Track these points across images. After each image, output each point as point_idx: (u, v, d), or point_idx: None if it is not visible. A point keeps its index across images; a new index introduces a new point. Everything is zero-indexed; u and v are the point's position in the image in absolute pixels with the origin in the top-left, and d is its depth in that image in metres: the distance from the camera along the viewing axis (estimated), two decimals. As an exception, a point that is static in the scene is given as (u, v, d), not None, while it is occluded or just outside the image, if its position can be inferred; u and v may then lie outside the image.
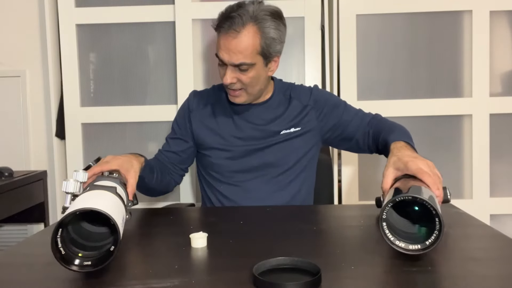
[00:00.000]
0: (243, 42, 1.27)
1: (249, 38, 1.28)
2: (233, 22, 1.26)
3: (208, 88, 1.55)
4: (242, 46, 1.28)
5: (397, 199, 0.82)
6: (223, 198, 1.43)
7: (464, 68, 2.06)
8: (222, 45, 1.29)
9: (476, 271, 0.79)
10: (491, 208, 2.06)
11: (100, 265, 0.76)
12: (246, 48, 1.28)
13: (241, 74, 1.31)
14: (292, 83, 1.54)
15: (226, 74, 1.31)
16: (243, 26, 1.27)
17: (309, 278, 0.72)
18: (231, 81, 1.31)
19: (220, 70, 1.35)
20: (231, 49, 1.28)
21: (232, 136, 1.42)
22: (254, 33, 1.29)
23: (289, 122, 1.43)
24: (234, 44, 1.27)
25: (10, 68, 2.20)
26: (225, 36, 1.29)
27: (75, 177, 0.97)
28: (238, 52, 1.28)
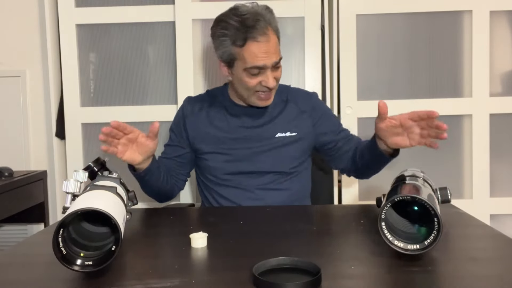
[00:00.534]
0: (274, 40, 1.33)
1: (274, 36, 1.34)
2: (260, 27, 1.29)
3: (203, 93, 1.57)
4: (275, 45, 1.33)
5: (396, 199, 0.82)
6: (220, 198, 1.43)
7: (464, 68, 2.06)
8: (259, 52, 1.29)
9: (476, 271, 0.79)
10: (491, 208, 2.06)
11: (101, 265, 0.76)
12: (277, 45, 1.34)
13: (275, 72, 1.35)
14: (288, 86, 1.55)
15: (269, 78, 1.32)
16: (266, 28, 1.31)
17: (309, 278, 0.72)
18: (274, 83, 1.34)
19: (251, 80, 1.33)
20: (269, 52, 1.30)
21: (228, 139, 1.43)
22: (272, 31, 1.33)
23: (284, 126, 1.44)
24: (269, 46, 1.30)
25: (10, 68, 2.20)
26: (257, 43, 1.29)
27: (75, 177, 0.97)
28: (274, 51, 1.32)
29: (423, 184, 0.92)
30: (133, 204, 1.12)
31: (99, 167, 1.12)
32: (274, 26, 1.34)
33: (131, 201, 1.11)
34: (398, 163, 1.47)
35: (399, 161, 1.80)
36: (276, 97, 1.46)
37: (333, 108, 2.04)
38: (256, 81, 1.33)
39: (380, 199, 1.05)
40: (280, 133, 1.43)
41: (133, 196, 1.11)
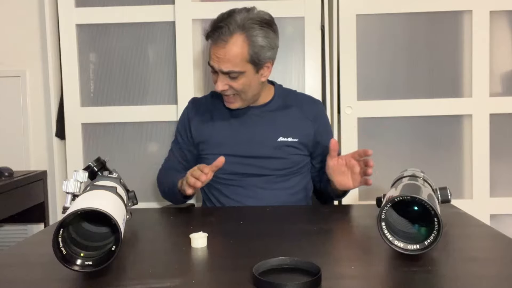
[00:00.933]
0: (231, 51, 1.30)
1: (237, 47, 1.30)
2: (221, 32, 1.30)
3: (207, 94, 1.58)
4: (231, 55, 1.30)
5: (396, 199, 0.82)
6: (222, 197, 1.44)
7: (464, 68, 2.06)
8: (212, 54, 1.33)
9: (476, 271, 0.79)
10: (491, 208, 2.06)
11: (101, 265, 0.76)
12: (234, 57, 1.31)
13: (231, 81, 1.34)
14: (294, 90, 1.57)
15: (217, 81, 1.35)
16: (230, 36, 1.29)
17: (309, 278, 0.72)
18: (222, 88, 1.35)
19: (213, 77, 1.39)
20: (220, 58, 1.31)
21: (230, 141, 1.44)
22: (242, 42, 1.30)
23: (287, 130, 1.44)
24: (222, 53, 1.31)
25: (10, 68, 2.20)
26: (214, 45, 1.33)
27: (75, 177, 0.97)
28: (227, 60, 1.31)
29: (423, 184, 0.92)
30: (133, 204, 1.12)
31: (99, 167, 1.12)
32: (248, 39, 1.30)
33: (131, 201, 1.11)
34: (398, 163, 1.47)
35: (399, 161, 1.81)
36: (279, 100, 1.48)
37: (333, 108, 2.04)
38: (214, 79, 1.38)
39: (380, 199, 1.05)
40: (282, 137, 1.43)
41: (133, 196, 1.11)
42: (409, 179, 0.96)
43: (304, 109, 1.48)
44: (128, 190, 1.10)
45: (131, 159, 2.13)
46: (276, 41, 1.39)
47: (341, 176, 1.29)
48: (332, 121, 2.01)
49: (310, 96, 1.59)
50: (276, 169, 1.42)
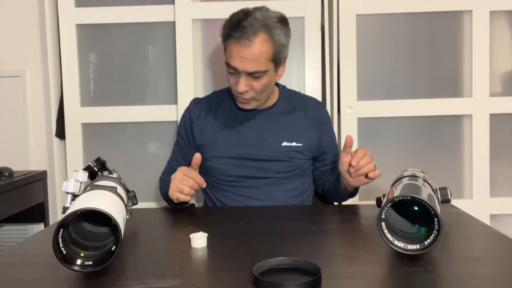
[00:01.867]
0: (256, 51, 1.27)
1: (262, 46, 1.28)
2: (245, 31, 1.26)
3: (209, 95, 1.56)
4: (256, 54, 1.27)
5: (396, 199, 0.82)
6: (224, 198, 1.44)
7: (464, 68, 2.06)
8: (235, 53, 1.28)
9: (476, 271, 0.79)
10: (491, 208, 2.06)
11: (101, 265, 0.76)
12: (259, 56, 1.28)
13: (254, 81, 1.31)
14: (298, 92, 1.56)
15: (239, 82, 1.30)
16: (255, 35, 1.27)
17: (309, 278, 0.72)
18: (244, 89, 1.31)
19: (230, 78, 1.34)
20: (245, 58, 1.27)
21: (233, 144, 1.42)
22: (266, 41, 1.29)
23: (291, 135, 1.43)
24: (248, 53, 1.27)
25: (10, 68, 2.20)
26: (237, 45, 1.28)
27: (75, 177, 0.97)
28: (252, 60, 1.28)
29: (423, 184, 0.92)
30: (133, 204, 1.12)
31: (99, 167, 1.12)
32: (273, 36, 1.29)
33: (131, 201, 1.11)
34: (398, 163, 1.47)
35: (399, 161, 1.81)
36: (283, 103, 1.47)
37: (333, 108, 2.04)
38: (233, 81, 1.34)
39: (380, 199, 1.05)
40: (286, 142, 1.42)
41: (133, 196, 1.11)
42: (409, 179, 0.96)
43: (309, 114, 1.47)
44: (128, 190, 1.10)
45: (131, 159, 2.13)
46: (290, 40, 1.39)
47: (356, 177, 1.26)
48: (332, 121, 2.01)
49: (314, 99, 1.57)
50: (279, 172, 1.42)
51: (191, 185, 1.22)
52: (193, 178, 1.23)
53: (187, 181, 1.22)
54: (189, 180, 1.22)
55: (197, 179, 1.23)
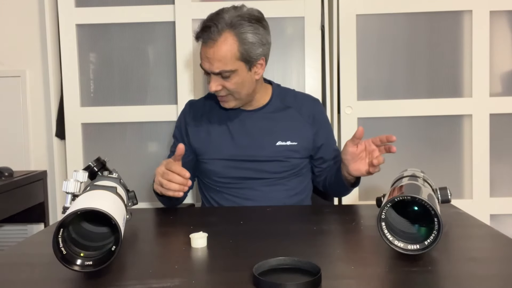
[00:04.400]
0: (220, 51, 1.28)
1: (226, 45, 1.28)
2: (209, 31, 1.28)
3: (204, 96, 1.56)
4: (220, 54, 1.28)
5: (396, 199, 0.82)
6: (221, 200, 1.44)
7: (464, 68, 2.06)
8: (203, 54, 1.32)
9: (476, 271, 0.79)
10: (491, 208, 2.06)
11: (101, 265, 0.76)
12: (224, 56, 1.29)
13: (224, 81, 1.32)
14: (292, 90, 1.54)
15: (210, 82, 1.34)
16: (219, 34, 1.28)
17: (309, 278, 0.72)
18: (215, 89, 1.34)
19: (206, 78, 1.37)
20: (210, 58, 1.30)
21: (228, 145, 1.42)
22: (232, 40, 1.29)
23: (285, 134, 1.42)
24: (212, 53, 1.29)
25: (10, 68, 2.20)
26: (204, 46, 1.31)
27: (75, 177, 0.97)
28: (217, 60, 1.29)
29: (423, 184, 0.92)
30: (133, 204, 1.12)
31: (99, 167, 1.12)
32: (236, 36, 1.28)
33: (131, 201, 1.11)
34: (398, 163, 1.47)
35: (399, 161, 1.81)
36: (277, 102, 1.46)
37: (333, 108, 2.04)
38: (208, 81, 1.36)
39: (380, 199, 1.05)
40: (280, 142, 1.41)
41: (133, 196, 1.11)
42: (409, 179, 0.96)
43: (303, 111, 1.46)
44: (128, 190, 1.10)
45: (131, 159, 2.13)
46: (267, 37, 1.35)
47: (358, 161, 1.25)
48: (332, 121, 2.01)
49: (308, 96, 1.56)
50: (275, 172, 1.41)
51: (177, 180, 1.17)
52: (174, 171, 1.17)
53: (167, 175, 1.17)
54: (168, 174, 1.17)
55: (178, 171, 1.17)
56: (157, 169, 1.22)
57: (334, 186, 1.42)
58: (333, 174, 1.40)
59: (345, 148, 1.26)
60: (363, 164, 1.25)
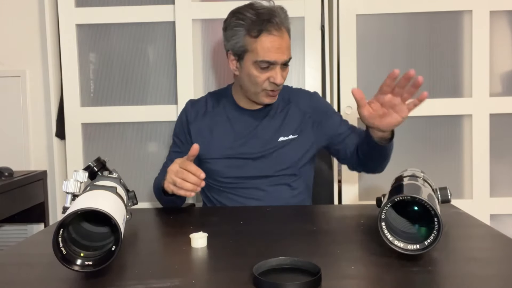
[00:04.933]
0: (286, 39, 1.34)
1: (286, 34, 1.34)
2: (274, 21, 1.30)
3: (205, 96, 1.55)
4: (287, 43, 1.34)
5: (396, 199, 0.82)
6: (223, 200, 1.43)
7: (464, 68, 2.06)
8: (272, 46, 1.30)
9: (476, 271, 0.79)
10: (491, 208, 2.06)
11: (101, 265, 0.76)
12: (289, 43, 1.35)
13: (284, 71, 1.35)
14: (290, 87, 1.54)
15: (278, 74, 1.32)
16: (280, 24, 1.32)
17: (309, 278, 0.72)
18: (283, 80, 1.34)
19: (260, 75, 1.33)
20: (282, 47, 1.32)
21: (231, 145, 1.42)
22: (286, 31, 1.35)
23: (287, 130, 1.43)
24: (282, 43, 1.32)
25: (10, 68, 2.20)
26: (271, 37, 1.30)
27: (75, 177, 0.97)
28: (287, 48, 1.33)
29: (423, 184, 0.92)
30: (133, 204, 1.12)
31: (99, 167, 1.12)
32: (286, 27, 1.35)
33: (131, 201, 1.11)
34: (398, 163, 1.47)
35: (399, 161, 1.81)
36: (278, 99, 1.46)
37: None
38: (265, 76, 1.33)
39: (380, 199, 1.05)
40: (282, 137, 1.42)
41: (133, 196, 1.11)
42: (409, 179, 0.96)
43: (301, 105, 1.46)
44: (128, 190, 1.10)
45: (131, 159, 2.13)
46: None
47: (384, 117, 1.15)
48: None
49: (305, 91, 1.55)
50: (277, 170, 1.41)
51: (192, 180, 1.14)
52: (189, 170, 1.14)
53: (182, 173, 1.15)
54: (183, 173, 1.15)
55: (193, 170, 1.15)
56: (170, 167, 1.19)
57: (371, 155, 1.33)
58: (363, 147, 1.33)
59: (361, 115, 1.17)
60: (390, 117, 1.15)
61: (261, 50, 1.30)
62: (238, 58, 1.36)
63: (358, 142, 1.38)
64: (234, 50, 1.36)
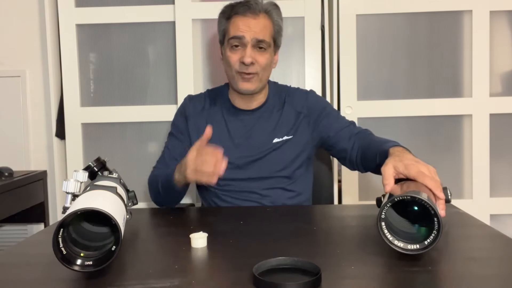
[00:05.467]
0: (262, 22, 1.35)
1: (265, 20, 1.36)
2: (250, 6, 1.34)
3: (203, 92, 1.53)
4: (262, 25, 1.35)
5: (396, 199, 0.82)
6: (219, 201, 1.42)
7: (464, 68, 2.06)
8: (242, 25, 1.34)
9: (476, 271, 0.79)
10: (491, 208, 2.06)
11: (101, 265, 0.76)
12: (265, 27, 1.35)
13: (258, 54, 1.35)
14: (288, 86, 1.52)
15: (246, 53, 1.33)
16: (260, 11, 1.36)
17: (309, 278, 0.72)
18: (251, 59, 1.33)
19: (233, 55, 1.36)
20: (252, 27, 1.34)
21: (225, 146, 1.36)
22: (268, 19, 1.37)
23: (282, 131, 1.41)
24: (255, 23, 1.34)
25: (10, 68, 2.20)
26: (243, 18, 1.34)
27: (75, 177, 0.97)
28: (260, 29, 1.34)
29: (424, 188, 0.92)
30: (133, 204, 1.12)
31: (99, 167, 1.12)
32: (272, 18, 1.38)
33: (131, 201, 1.11)
34: (398, 163, 1.47)
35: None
36: (275, 99, 1.45)
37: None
38: (236, 57, 1.35)
39: (380, 199, 1.05)
40: (277, 139, 1.40)
41: (133, 196, 1.11)
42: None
43: (296, 105, 1.44)
44: (128, 190, 1.10)
45: (131, 159, 2.13)
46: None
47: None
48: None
49: (300, 90, 1.51)
50: (274, 171, 1.39)
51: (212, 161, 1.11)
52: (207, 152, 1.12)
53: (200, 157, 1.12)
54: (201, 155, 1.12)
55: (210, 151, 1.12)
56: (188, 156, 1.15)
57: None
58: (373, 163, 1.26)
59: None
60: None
61: (232, 28, 1.35)
62: (221, 45, 1.42)
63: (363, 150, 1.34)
64: (219, 39, 1.42)
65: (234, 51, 1.36)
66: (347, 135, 1.40)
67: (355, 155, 1.38)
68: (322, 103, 1.49)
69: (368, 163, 1.32)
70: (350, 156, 1.39)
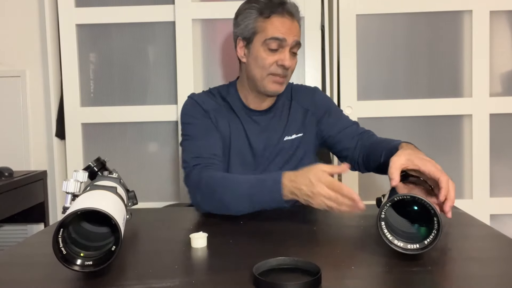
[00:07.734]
0: (297, 25, 1.33)
1: (297, 23, 1.34)
2: (287, 8, 1.31)
3: (205, 92, 1.45)
4: (298, 28, 1.33)
5: (395, 198, 0.82)
6: None
7: (464, 68, 2.06)
8: (281, 26, 1.29)
9: (476, 271, 0.79)
10: (491, 208, 2.06)
11: (101, 265, 0.76)
12: (299, 30, 1.33)
13: (292, 58, 1.33)
14: (291, 83, 1.52)
15: (285, 55, 1.30)
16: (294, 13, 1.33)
17: (309, 278, 0.72)
18: (291, 63, 1.32)
19: (269, 57, 1.30)
20: (292, 29, 1.30)
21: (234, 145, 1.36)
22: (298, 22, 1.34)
23: (292, 129, 1.40)
24: (294, 26, 1.31)
25: (10, 68, 2.20)
26: (282, 18, 1.30)
27: (75, 177, 0.97)
28: (297, 32, 1.32)
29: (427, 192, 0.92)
30: (133, 204, 1.12)
31: (99, 167, 1.12)
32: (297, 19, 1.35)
33: (131, 201, 1.11)
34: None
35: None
36: (282, 97, 1.43)
37: (333, 108, 2.04)
38: (273, 59, 1.30)
39: (380, 199, 1.05)
40: (287, 137, 1.39)
41: (133, 196, 1.11)
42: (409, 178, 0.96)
43: (302, 102, 1.43)
44: (128, 190, 1.10)
45: (131, 159, 2.13)
46: None
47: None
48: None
49: (306, 86, 1.52)
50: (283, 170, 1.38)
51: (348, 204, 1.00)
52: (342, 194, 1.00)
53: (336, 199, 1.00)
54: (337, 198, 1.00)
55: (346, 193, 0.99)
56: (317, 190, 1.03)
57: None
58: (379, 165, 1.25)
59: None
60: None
61: (271, 28, 1.29)
62: (247, 42, 1.34)
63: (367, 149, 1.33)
64: (243, 34, 1.33)
65: (272, 53, 1.30)
66: (350, 135, 1.40)
67: (357, 155, 1.37)
68: (327, 101, 1.49)
69: (371, 162, 1.32)
70: (352, 156, 1.39)
